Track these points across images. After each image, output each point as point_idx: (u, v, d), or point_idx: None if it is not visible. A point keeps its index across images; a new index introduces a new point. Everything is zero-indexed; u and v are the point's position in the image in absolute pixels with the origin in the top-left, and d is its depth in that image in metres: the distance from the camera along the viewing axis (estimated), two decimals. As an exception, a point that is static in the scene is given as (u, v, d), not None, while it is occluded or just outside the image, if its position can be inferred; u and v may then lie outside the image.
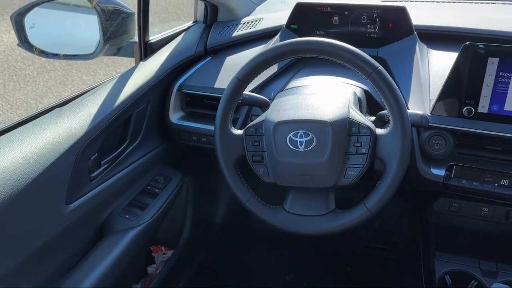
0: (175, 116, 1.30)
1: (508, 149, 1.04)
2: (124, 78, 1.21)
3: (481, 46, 0.99)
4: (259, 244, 1.90)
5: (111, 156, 1.14)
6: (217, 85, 1.27)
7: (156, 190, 1.29)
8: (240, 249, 1.85)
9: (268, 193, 1.17)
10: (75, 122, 1.02)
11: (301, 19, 1.34)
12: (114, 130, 1.14)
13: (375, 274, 1.75)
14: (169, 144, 1.38)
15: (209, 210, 1.82)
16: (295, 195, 0.98)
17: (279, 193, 1.03)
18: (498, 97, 1.01)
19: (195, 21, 1.58)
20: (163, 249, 1.52)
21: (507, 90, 0.99)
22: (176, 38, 1.45)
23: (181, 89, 1.29)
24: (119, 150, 1.17)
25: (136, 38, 1.33)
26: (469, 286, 1.15)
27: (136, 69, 1.26)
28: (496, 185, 1.05)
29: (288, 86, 1.15)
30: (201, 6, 1.53)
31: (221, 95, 1.00)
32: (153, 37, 1.38)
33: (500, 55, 0.98)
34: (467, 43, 0.99)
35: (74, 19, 1.25)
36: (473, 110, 1.02)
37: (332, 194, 0.97)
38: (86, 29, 1.19)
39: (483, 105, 1.02)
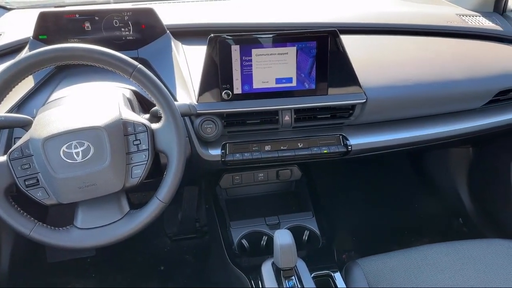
0: None
1: (264, 120, 1.23)
2: None
3: (223, 36, 1.13)
4: (61, 277, 1.73)
5: None
6: None
7: None
8: None
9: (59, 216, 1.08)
10: None
11: (50, 28, 1.26)
12: None
13: (188, 264, 1.82)
14: None
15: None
16: (85, 209, 0.94)
17: (69, 213, 0.97)
18: (246, 78, 1.18)
19: None
20: None
21: (251, 72, 1.17)
22: None
23: None
24: None
25: None
26: (262, 241, 1.33)
27: None
28: (262, 152, 1.23)
29: (50, 99, 1.08)
30: None
31: None
32: None
33: (240, 42, 1.14)
34: (212, 35, 1.12)
35: None
36: (230, 93, 1.17)
37: (124, 197, 0.96)
38: None
39: (237, 87, 1.17)
